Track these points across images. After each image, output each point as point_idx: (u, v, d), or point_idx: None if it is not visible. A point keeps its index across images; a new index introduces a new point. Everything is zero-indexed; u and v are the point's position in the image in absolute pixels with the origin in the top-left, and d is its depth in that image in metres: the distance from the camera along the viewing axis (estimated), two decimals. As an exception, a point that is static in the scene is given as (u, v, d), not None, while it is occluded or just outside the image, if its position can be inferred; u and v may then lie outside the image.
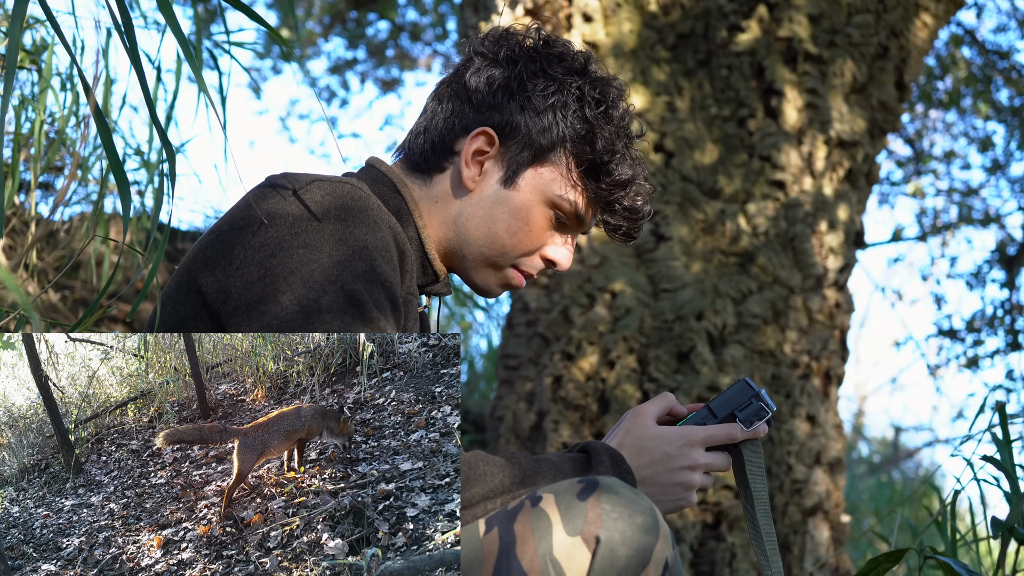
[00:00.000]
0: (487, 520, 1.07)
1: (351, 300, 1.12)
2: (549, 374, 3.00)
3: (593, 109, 1.31)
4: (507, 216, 1.32)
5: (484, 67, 1.33)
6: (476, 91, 1.32)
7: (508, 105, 1.31)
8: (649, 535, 1.04)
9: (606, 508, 1.04)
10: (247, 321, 1.14)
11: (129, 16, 1.00)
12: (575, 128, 1.31)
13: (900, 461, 11.37)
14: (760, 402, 1.30)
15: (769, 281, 3.05)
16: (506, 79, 1.31)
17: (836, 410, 3.22)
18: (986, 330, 6.53)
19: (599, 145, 1.30)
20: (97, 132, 1.87)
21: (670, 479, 1.24)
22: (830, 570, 3.09)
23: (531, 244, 1.34)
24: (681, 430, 1.26)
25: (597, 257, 3.06)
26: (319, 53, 7.63)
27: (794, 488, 3.00)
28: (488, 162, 1.32)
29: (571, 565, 1.03)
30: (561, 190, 1.32)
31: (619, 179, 1.32)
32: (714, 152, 3.14)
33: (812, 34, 3.17)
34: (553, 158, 1.31)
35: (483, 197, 1.32)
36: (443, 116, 1.34)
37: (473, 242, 1.33)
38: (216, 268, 1.18)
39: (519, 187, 1.31)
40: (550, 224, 1.34)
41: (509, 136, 1.31)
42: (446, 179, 1.34)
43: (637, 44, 3.17)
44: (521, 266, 1.36)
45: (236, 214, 1.21)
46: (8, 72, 0.81)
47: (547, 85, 1.31)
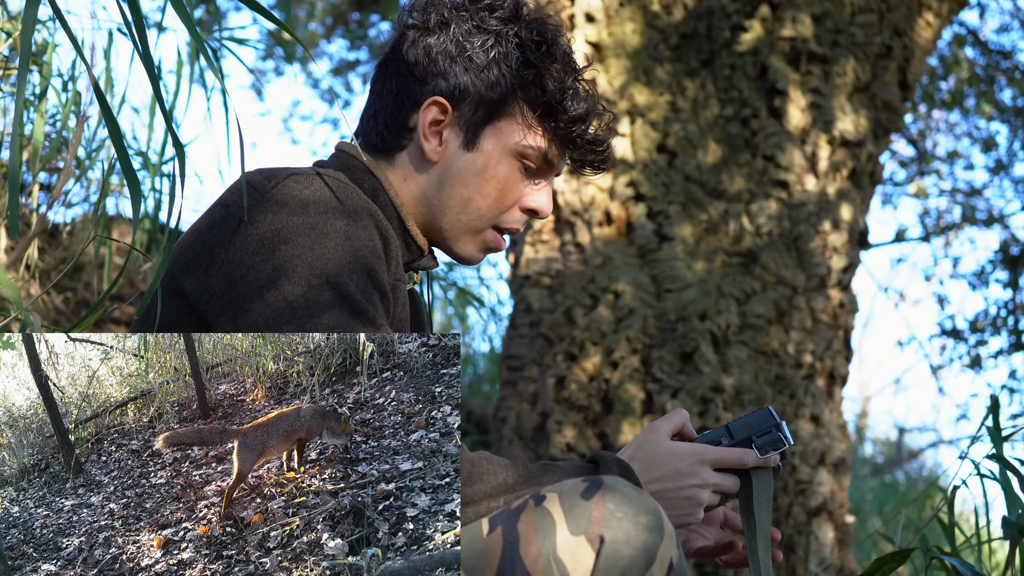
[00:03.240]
0: (491, 519, 1.06)
1: (338, 293, 1.11)
2: (552, 375, 2.99)
3: (535, 52, 1.30)
4: (477, 178, 1.31)
5: (419, 38, 1.32)
6: (416, 64, 1.31)
7: (451, 69, 1.30)
8: (654, 534, 1.03)
9: (610, 507, 1.03)
10: (233, 320, 1.13)
11: (141, 17, 0.99)
12: (522, 75, 1.30)
13: (904, 462, 11.35)
14: (779, 432, 1.29)
15: (773, 281, 3.04)
16: (443, 44, 1.31)
17: (840, 410, 3.21)
18: (989, 330, 6.51)
19: (549, 86, 1.30)
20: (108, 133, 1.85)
21: (679, 495, 1.23)
22: (835, 571, 3.07)
23: (507, 200, 1.33)
24: (693, 447, 1.26)
25: (600, 257, 3.06)
26: (322, 55, 7.63)
27: (798, 489, 2.99)
28: (446, 130, 1.31)
29: (575, 564, 1.02)
30: (523, 139, 1.31)
31: (576, 114, 1.31)
32: (717, 152, 3.14)
33: (815, 33, 3.16)
34: (507, 110, 1.31)
35: (448, 166, 1.32)
36: (391, 96, 1.34)
37: (448, 212, 1.32)
38: (198, 269, 1.18)
39: (481, 147, 1.31)
40: (521, 175, 1.33)
41: (460, 100, 1.30)
42: (408, 156, 1.34)
43: (640, 44, 3.16)
44: (503, 224, 1.35)
45: (214, 213, 1.21)
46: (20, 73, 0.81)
47: (484, 40, 1.30)
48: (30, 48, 0.73)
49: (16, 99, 0.85)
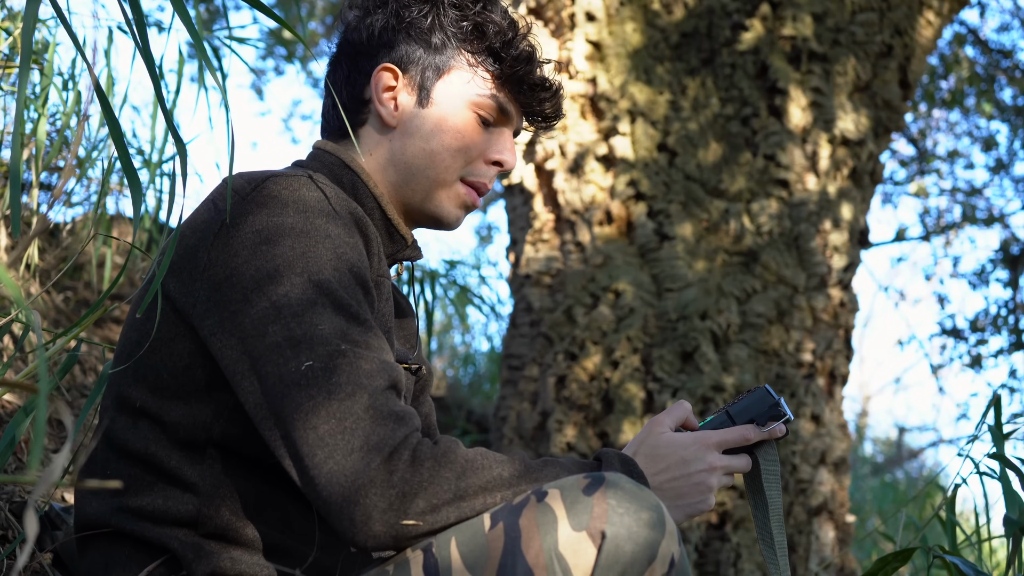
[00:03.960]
0: (492, 515, 1.06)
1: (323, 290, 1.12)
2: (553, 374, 2.99)
3: (471, 8, 1.37)
4: (436, 131, 1.35)
5: (360, 22, 1.39)
6: (363, 43, 1.38)
7: (395, 39, 1.37)
8: (655, 531, 1.03)
9: (612, 503, 1.03)
10: (219, 323, 1.14)
11: (142, 16, 0.99)
12: (464, 30, 1.36)
13: (904, 461, 11.36)
14: (779, 409, 1.30)
15: (773, 280, 3.04)
16: (384, 20, 1.37)
17: (841, 410, 3.21)
18: (989, 329, 6.52)
19: (490, 31, 1.36)
20: (108, 133, 1.85)
21: (687, 483, 1.24)
22: (835, 570, 3.08)
23: (470, 151, 1.37)
24: (695, 434, 1.27)
25: (600, 257, 3.06)
26: (322, 54, 7.63)
27: (799, 488, 2.99)
28: (400, 94, 1.36)
29: (576, 560, 1.02)
30: (474, 88, 1.36)
31: (521, 54, 1.37)
32: (718, 151, 3.14)
33: (816, 32, 3.16)
34: (454, 64, 1.36)
35: (408, 125, 1.36)
36: (343, 78, 1.39)
37: (416, 170, 1.36)
38: (181, 272, 1.18)
39: (435, 101, 1.36)
40: (479, 127, 1.37)
41: (408, 64, 1.36)
42: (369, 129, 1.38)
43: (640, 43, 3.16)
44: (470, 177, 1.38)
45: (197, 217, 1.22)
46: (21, 72, 0.81)
47: (421, 8, 1.37)
48: (31, 47, 0.73)
49: (18, 98, 0.85)
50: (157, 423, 1.20)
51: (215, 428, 1.19)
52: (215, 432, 1.19)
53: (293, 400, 1.07)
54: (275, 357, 1.09)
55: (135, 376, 1.22)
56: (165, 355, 1.20)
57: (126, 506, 1.21)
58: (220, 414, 1.19)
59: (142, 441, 1.21)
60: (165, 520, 1.19)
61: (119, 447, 1.22)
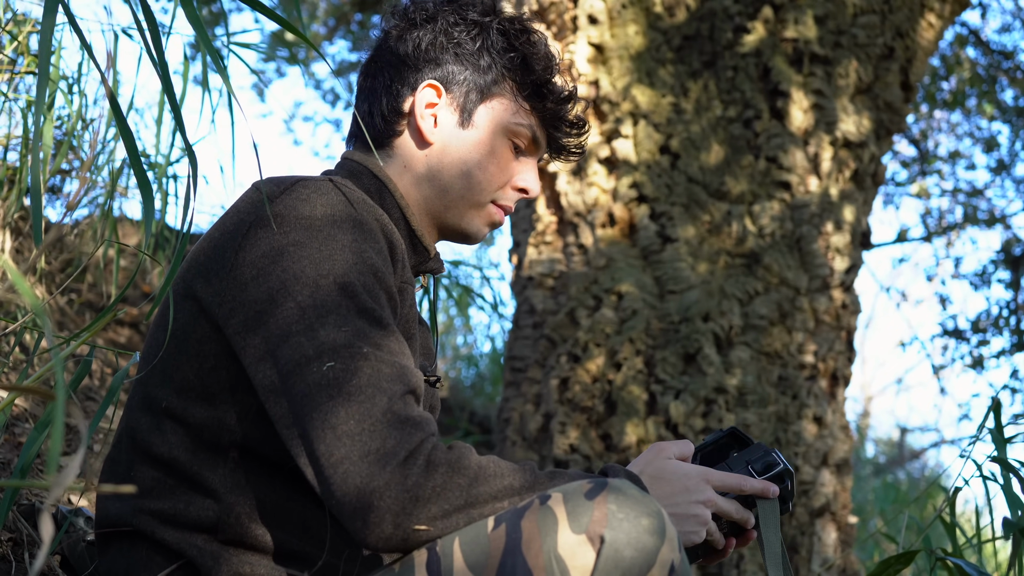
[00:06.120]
0: (495, 516, 1.08)
1: (345, 292, 1.14)
2: (556, 376, 3.00)
3: (518, 39, 1.39)
4: (474, 153, 1.38)
5: (405, 33, 1.40)
6: (408, 55, 1.39)
7: (443, 57, 1.38)
8: (655, 537, 1.04)
9: (612, 508, 1.04)
10: (244, 322, 1.16)
11: (154, 20, 1.00)
12: (510, 58, 1.38)
13: (906, 462, 11.37)
14: (772, 456, 1.35)
15: (775, 282, 3.05)
16: (432, 36, 1.39)
17: (843, 411, 3.22)
18: (991, 330, 6.52)
19: (536, 67, 1.39)
20: (118, 136, 1.86)
21: (686, 511, 1.26)
22: (838, 571, 3.08)
23: (502, 175, 1.40)
24: (700, 468, 1.30)
25: (603, 259, 3.06)
26: (324, 55, 7.62)
27: (801, 489, 3.00)
28: (440, 112, 1.38)
29: (575, 563, 1.03)
30: (514, 117, 1.39)
31: (562, 94, 1.41)
32: (720, 153, 3.15)
33: (818, 35, 3.17)
34: (498, 90, 1.39)
35: (446, 144, 1.38)
36: (384, 87, 1.40)
37: (452, 188, 1.38)
38: (211, 275, 1.20)
39: (476, 124, 1.38)
40: (512, 154, 1.41)
41: (452, 83, 1.38)
42: (405, 142, 1.40)
43: (643, 45, 3.17)
44: (499, 200, 1.41)
45: (227, 220, 1.24)
46: (40, 82, 0.82)
47: (470, 29, 1.39)
48: (48, 58, 0.74)
49: (36, 109, 0.86)
50: (182, 425, 1.22)
51: (238, 431, 1.21)
52: (238, 435, 1.21)
53: (313, 400, 1.08)
54: (297, 358, 1.11)
55: (162, 377, 1.24)
56: (192, 356, 1.22)
57: (148, 508, 1.22)
58: (244, 416, 1.21)
59: (166, 445, 1.22)
60: (185, 525, 1.21)
61: (143, 449, 1.24)
